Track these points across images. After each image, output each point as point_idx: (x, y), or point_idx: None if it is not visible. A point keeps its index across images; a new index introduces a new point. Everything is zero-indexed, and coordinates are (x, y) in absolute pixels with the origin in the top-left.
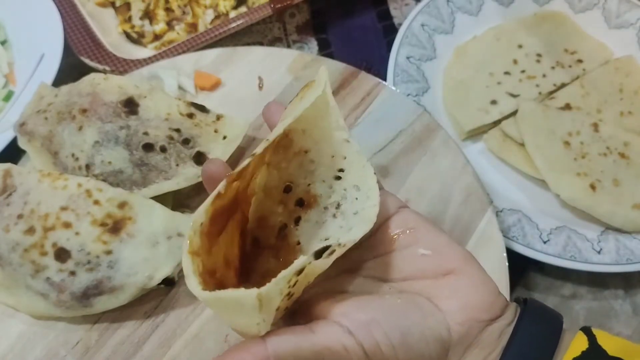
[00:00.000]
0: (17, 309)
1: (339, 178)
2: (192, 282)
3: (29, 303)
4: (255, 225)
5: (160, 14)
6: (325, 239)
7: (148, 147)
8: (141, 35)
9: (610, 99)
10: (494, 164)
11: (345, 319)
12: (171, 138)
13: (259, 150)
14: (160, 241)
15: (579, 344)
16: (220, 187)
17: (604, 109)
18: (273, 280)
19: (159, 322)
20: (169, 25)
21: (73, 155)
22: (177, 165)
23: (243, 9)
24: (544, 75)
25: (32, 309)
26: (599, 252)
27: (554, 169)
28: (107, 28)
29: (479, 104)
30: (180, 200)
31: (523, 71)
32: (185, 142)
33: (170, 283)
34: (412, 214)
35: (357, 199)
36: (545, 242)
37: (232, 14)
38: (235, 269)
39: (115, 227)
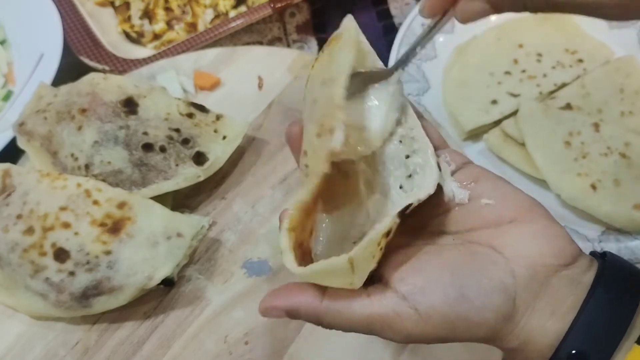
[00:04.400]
0: (16, 310)
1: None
2: (289, 259)
3: (28, 303)
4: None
5: (160, 13)
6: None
7: (147, 147)
8: (140, 34)
9: (611, 99)
10: (494, 163)
11: (402, 283)
12: (171, 138)
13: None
14: (160, 241)
15: None
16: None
17: (604, 109)
18: (360, 244)
19: (159, 322)
20: (169, 24)
21: (72, 155)
22: (177, 165)
23: (243, 9)
24: (544, 75)
25: (31, 309)
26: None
27: (554, 168)
28: (106, 28)
29: (480, 104)
30: (179, 200)
31: (524, 71)
32: (185, 142)
33: (169, 283)
34: (475, 168)
35: (411, 157)
36: None
37: (232, 14)
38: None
39: (114, 227)
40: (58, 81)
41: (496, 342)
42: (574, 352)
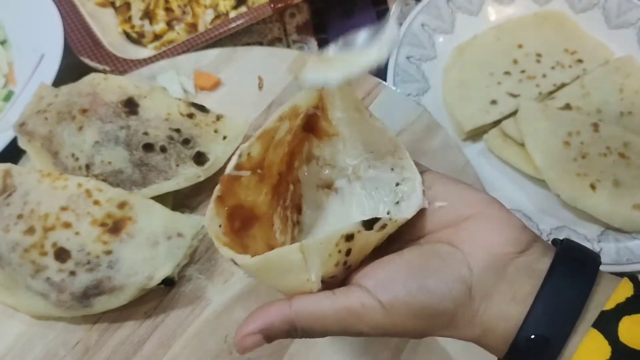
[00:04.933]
0: (16, 309)
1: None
2: (239, 257)
3: (29, 303)
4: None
5: (160, 13)
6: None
7: (148, 147)
8: (141, 35)
9: (611, 99)
10: (494, 164)
11: (365, 278)
12: (171, 138)
13: (246, 145)
14: (160, 241)
15: (624, 290)
16: (216, 191)
17: (604, 109)
18: (318, 237)
19: (159, 322)
20: (169, 25)
21: (73, 155)
22: (177, 165)
23: (243, 9)
24: (544, 75)
25: (32, 309)
26: (598, 252)
27: (554, 168)
28: (107, 28)
29: (479, 104)
30: (180, 200)
31: (523, 71)
32: (185, 142)
33: (170, 283)
34: (429, 174)
35: (396, 180)
36: None
37: (232, 14)
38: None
39: (115, 227)
40: (59, 81)
41: (459, 332)
42: (532, 336)
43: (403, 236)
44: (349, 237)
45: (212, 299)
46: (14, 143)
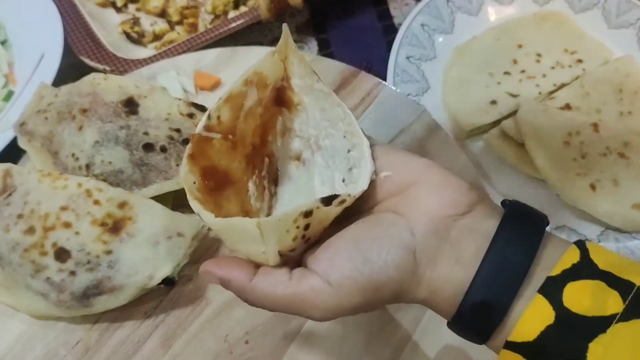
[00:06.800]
0: (17, 309)
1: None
2: (205, 214)
3: (29, 303)
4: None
5: None
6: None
7: (148, 147)
8: (141, 35)
9: (610, 99)
10: (494, 163)
11: (315, 261)
12: (171, 138)
13: (214, 107)
14: (160, 241)
15: (571, 257)
16: (188, 149)
17: (603, 109)
18: (275, 214)
19: (159, 322)
20: (169, 25)
21: (73, 155)
22: (178, 165)
23: (243, 9)
24: (543, 75)
25: (32, 309)
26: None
27: (554, 168)
28: (107, 28)
29: (479, 104)
30: (180, 200)
31: (523, 71)
32: (186, 142)
33: (170, 283)
34: (374, 147)
35: (349, 151)
36: None
37: (232, 14)
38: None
39: (115, 227)
40: (59, 81)
41: (407, 297)
42: (478, 302)
43: (353, 209)
44: (308, 214)
45: (212, 299)
46: (14, 143)
